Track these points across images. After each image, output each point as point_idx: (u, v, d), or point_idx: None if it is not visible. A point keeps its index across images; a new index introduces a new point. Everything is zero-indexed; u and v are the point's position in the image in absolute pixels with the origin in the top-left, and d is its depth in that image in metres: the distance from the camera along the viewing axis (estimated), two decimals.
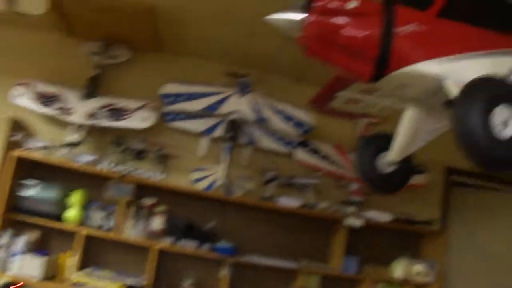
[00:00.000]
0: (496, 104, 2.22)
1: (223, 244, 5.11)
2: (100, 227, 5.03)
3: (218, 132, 5.49)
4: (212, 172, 5.35)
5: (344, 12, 2.55)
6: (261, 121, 5.48)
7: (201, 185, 5.34)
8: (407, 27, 2.57)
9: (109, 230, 5.03)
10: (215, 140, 5.54)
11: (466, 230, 6.51)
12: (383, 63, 2.58)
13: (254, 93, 5.57)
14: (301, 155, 5.60)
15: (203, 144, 5.55)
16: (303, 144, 5.64)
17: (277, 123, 5.51)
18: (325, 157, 5.67)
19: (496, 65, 2.60)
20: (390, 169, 3.29)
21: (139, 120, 5.34)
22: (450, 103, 2.62)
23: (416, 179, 5.70)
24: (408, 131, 3.16)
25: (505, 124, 2.20)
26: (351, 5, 2.56)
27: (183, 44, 5.48)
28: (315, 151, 5.67)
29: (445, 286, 5.83)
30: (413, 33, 2.58)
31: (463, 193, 6.09)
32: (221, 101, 5.47)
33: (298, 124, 5.52)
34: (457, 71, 2.55)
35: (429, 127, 3.17)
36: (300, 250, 5.54)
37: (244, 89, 5.53)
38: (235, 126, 5.41)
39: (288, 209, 5.31)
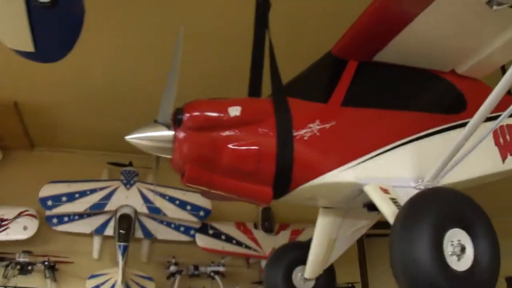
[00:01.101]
0: (448, 227, 1.78)
1: None
2: None
3: (110, 230, 5.19)
4: (109, 277, 4.95)
5: (226, 122, 2.05)
6: (154, 212, 5.19)
7: None
8: (308, 129, 2.13)
9: None
10: (108, 239, 5.22)
11: (388, 284, 6.56)
12: (284, 180, 2.10)
13: (142, 182, 5.31)
14: (203, 241, 5.36)
15: (96, 245, 5.24)
16: (203, 229, 5.41)
17: (172, 211, 5.24)
18: (228, 239, 5.47)
19: (420, 153, 2.27)
20: (308, 286, 2.85)
21: (19, 230, 4.96)
22: (372, 206, 2.19)
23: None
24: (325, 242, 2.73)
25: (461, 251, 1.77)
26: (234, 112, 2.07)
27: (55, 137, 5.24)
28: (217, 235, 5.45)
29: None
30: (317, 135, 2.14)
31: (376, 244, 6.12)
32: (108, 197, 5.15)
33: (195, 209, 5.28)
34: (376, 170, 2.18)
35: (348, 232, 2.77)
36: None
37: (130, 180, 5.27)
38: (127, 221, 5.11)
39: None
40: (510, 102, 1.99)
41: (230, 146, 2.02)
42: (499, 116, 2.01)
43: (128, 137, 2.06)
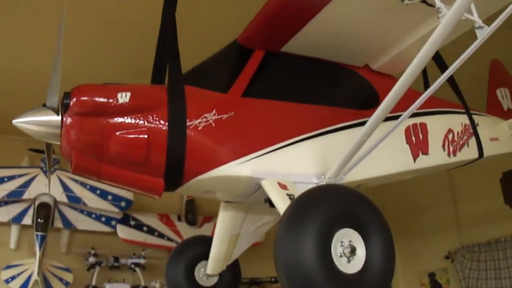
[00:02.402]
0: (338, 227, 1.73)
1: None
2: None
3: (28, 219, 5.00)
4: (26, 268, 4.82)
5: (114, 108, 1.96)
6: (74, 202, 5.04)
7: (15, 285, 4.78)
8: (203, 118, 2.06)
9: None
10: (27, 228, 5.05)
11: None
12: (176, 172, 2.03)
13: (62, 170, 5.13)
14: (125, 232, 5.27)
15: (13, 234, 5.07)
16: (125, 220, 5.31)
17: (93, 201, 5.11)
18: (150, 230, 5.41)
19: (325, 148, 2.23)
20: (211, 281, 2.83)
21: None
22: (272, 202, 2.09)
23: None
24: (227, 237, 2.70)
25: (351, 253, 1.72)
26: (123, 98, 1.98)
27: None
28: (138, 226, 5.38)
29: None
30: (213, 126, 2.06)
31: None
32: (26, 184, 4.97)
33: (116, 199, 5.16)
34: (275, 165, 2.13)
35: (251, 228, 2.75)
36: None
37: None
38: (46, 210, 4.94)
39: None
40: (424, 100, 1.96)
41: (117, 133, 1.94)
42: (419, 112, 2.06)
43: (15, 121, 1.94)
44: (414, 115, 2.14)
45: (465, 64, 1.75)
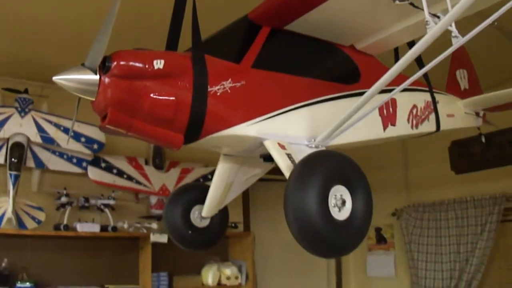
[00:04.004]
0: (333, 184, 2.20)
1: (22, 283, 4.83)
2: None
3: (1, 158, 5.13)
4: (0, 206, 4.96)
5: (150, 73, 2.29)
6: (48, 142, 5.24)
7: None
8: (221, 86, 2.43)
9: None
10: None
11: (267, 224, 7.07)
12: (196, 129, 2.41)
13: (37, 110, 5.31)
14: (95, 174, 5.53)
15: None
16: (95, 161, 5.57)
17: (66, 142, 5.26)
18: (120, 173, 5.68)
19: (314, 116, 2.68)
20: (204, 223, 3.23)
21: None
22: (267, 157, 2.69)
23: None
24: (222, 185, 3.11)
25: (342, 204, 2.21)
26: (158, 65, 2.31)
27: None
28: (109, 168, 5.64)
29: (257, 284, 6.39)
30: (229, 92, 2.45)
31: (259, 188, 6.59)
32: (1, 124, 5.08)
33: (89, 141, 5.39)
34: (276, 128, 2.56)
35: (242, 178, 3.18)
36: (108, 273, 5.53)
37: (25, 107, 5.24)
38: (19, 150, 5.08)
39: (88, 234, 5.23)
40: (400, 79, 2.40)
41: (151, 95, 2.29)
42: (389, 89, 2.47)
43: (56, 78, 2.25)
44: (387, 91, 2.51)
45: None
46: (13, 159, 5.07)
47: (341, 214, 2.20)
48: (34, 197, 5.39)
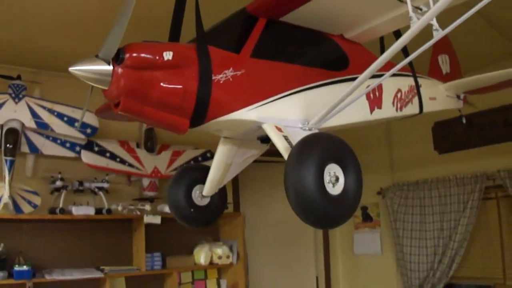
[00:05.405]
0: (327, 163, 2.46)
1: (19, 267, 4.99)
2: None
3: None
4: None
5: (160, 64, 2.54)
6: (42, 128, 5.45)
7: None
8: (223, 74, 2.69)
9: None
10: None
11: (257, 205, 7.43)
12: (201, 115, 2.67)
13: (30, 96, 5.49)
14: (88, 157, 5.75)
15: None
16: (88, 145, 5.79)
17: (60, 127, 5.52)
18: (112, 156, 5.91)
19: (306, 101, 2.96)
20: (204, 201, 3.48)
21: None
22: (264, 139, 3.01)
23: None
24: (222, 166, 3.37)
25: (336, 181, 2.47)
26: (167, 56, 2.55)
27: None
28: (102, 152, 5.85)
29: (247, 263, 6.68)
30: (230, 80, 2.71)
31: (248, 170, 6.85)
32: None
33: (83, 126, 5.60)
34: (273, 112, 2.83)
35: (240, 159, 3.44)
36: (103, 255, 5.78)
37: (18, 93, 5.40)
38: (14, 136, 5.25)
39: (83, 217, 5.45)
40: (387, 65, 2.67)
41: (161, 84, 2.55)
42: (377, 75, 2.75)
43: (71, 68, 2.45)
44: (374, 76, 2.76)
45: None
46: (8, 145, 5.24)
47: (335, 189, 2.48)
48: (28, 182, 5.57)
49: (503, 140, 6.18)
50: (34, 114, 5.47)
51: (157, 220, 5.69)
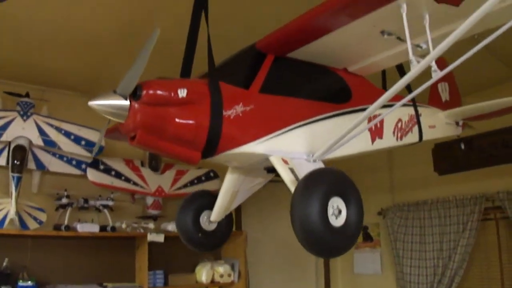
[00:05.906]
0: (331, 196, 2.59)
1: (24, 282, 5.11)
2: None
3: (2, 160, 5.41)
4: (2, 207, 5.29)
5: (175, 101, 2.68)
6: (49, 145, 5.57)
7: None
8: (234, 110, 2.83)
9: None
10: (1, 169, 5.49)
11: (259, 223, 7.54)
12: (212, 148, 2.82)
13: (38, 114, 5.61)
14: (94, 175, 5.88)
15: None
16: (94, 164, 5.92)
17: (67, 145, 5.66)
18: (117, 174, 6.05)
19: (312, 133, 3.09)
20: (212, 227, 3.61)
21: None
22: (270, 169, 3.11)
23: (209, 185, 6.63)
24: (229, 193, 3.51)
25: (339, 213, 2.61)
26: (182, 93, 2.69)
27: None
28: (107, 170, 5.99)
29: (249, 281, 6.76)
30: (240, 116, 2.85)
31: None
32: (4, 127, 5.36)
33: (89, 144, 5.74)
34: (280, 145, 2.97)
35: (247, 187, 3.58)
36: (106, 272, 5.90)
37: (26, 111, 5.52)
38: (22, 153, 5.36)
39: (88, 234, 5.56)
40: (391, 98, 2.76)
41: (176, 119, 2.69)
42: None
43: (91, 103, 2.60)
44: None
45: None
46: (15, 161, 5.36)
47: (337, 221, 2.62)
48: (34, 198, 5.70)
49: (502, 162, 6.30)
50: (41, 132, 5.60)
51: (160, 238, 5.81)
